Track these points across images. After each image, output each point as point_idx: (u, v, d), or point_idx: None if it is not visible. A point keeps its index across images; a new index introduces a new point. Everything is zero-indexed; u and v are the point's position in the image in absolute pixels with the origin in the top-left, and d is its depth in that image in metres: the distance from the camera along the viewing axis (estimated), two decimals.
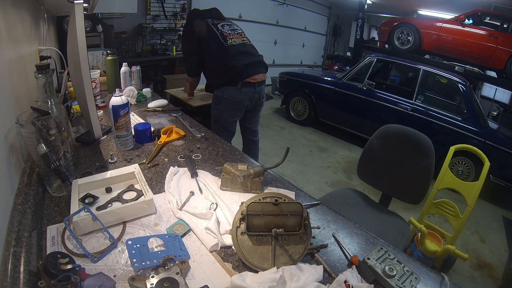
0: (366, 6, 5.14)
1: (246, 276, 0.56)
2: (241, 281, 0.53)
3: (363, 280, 0.58)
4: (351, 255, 0.65)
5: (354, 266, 0.61)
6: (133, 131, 1.13)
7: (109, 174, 0.83)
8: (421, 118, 3.19)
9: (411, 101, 3.29)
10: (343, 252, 0.68)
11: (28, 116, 0.73)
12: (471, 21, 4.20)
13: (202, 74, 1.93)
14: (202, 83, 2.07)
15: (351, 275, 0.58)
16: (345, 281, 0.56)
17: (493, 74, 4.46)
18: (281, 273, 0.56)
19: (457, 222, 1.79)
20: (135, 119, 1.37)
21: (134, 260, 0.57)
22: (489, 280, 2.01)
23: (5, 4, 0.85)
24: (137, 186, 0.80)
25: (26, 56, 1.09)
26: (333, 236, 0.72)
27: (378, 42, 5.61)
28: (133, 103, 1.59)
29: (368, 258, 0.62)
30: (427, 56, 4.76)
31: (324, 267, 0.62)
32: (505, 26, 3.93)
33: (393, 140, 1.33)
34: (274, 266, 0.59)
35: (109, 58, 1.68)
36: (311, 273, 0.58)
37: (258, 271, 0.58)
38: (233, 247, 0.64)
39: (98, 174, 0.83)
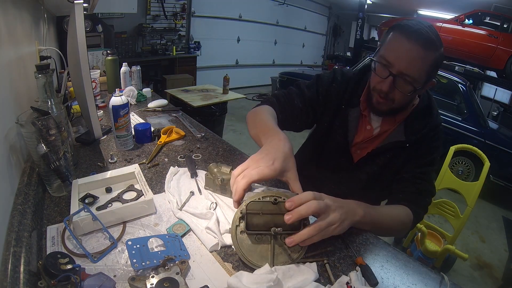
0: (366, 6, 5.15)
1: (241, 276, 0.56)
2: (238, 282, 0.53)
3: (367, 283, 0.58)
4: (357, 256, 0.65)
5: (359, 267, 0.61)
6: (133, 131, 1.13)
7: (109, 174, 0.83)
8: None
9: None
10: (349, 252, 0.67)
11: (28, 116, 0.73)
12: (471, 21, 4.21)
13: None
14: (203, 83, 2.06)
15: (356, 277, 0.57)
16: (347, 283, 0.56)
17: (493, 74, 4.47)
18: (277, 273, 0.56)
19: (457, 222, 1.79)
20: (135, 119, 1.37)
21: (134, 260, 0.57)
22: (489, 280, 2.01)
23: (5, 4, 0.85)
24: (137, 186, 0.80)
25: (26, 56, 1.09)
26: (341, 236, 0.72)
27: (378, 42, 5.61)
28: (133, 103, 1.59)
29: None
30: None
31: (327, 269, 0.61)
32: (505, 26, 3.94)
33: None
34: (273, 266, 0.59)
35: (109, 58, 1.68)
36: (309, 273, 0.58)
37: (254, 270, 0.58)
38: (232, 246, 0.64)
39: (98, 174, 0.83)
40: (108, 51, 1.73)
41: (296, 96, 0.95)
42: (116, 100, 1.01)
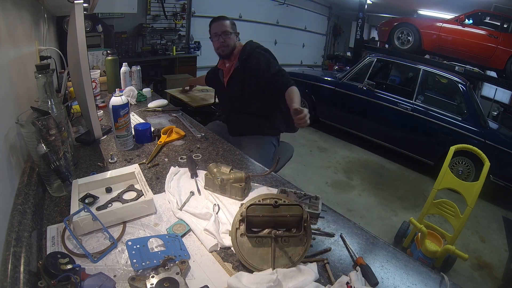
0: (366, 6, 5.14)
1: (241, 276, 0.56)
2: (238, 282, 0.53)
3: (367, 283, 0.58)
4: (357, 256, 0.65)
5: (359, 268, 0.61)
6: (133, 131, 1.13)
7: (109, 174, 0.83)
8: (421, 118, 3.19)
9: (411, 101, 3.29)
10: (349, 252, 0.67)
11: (28, 116, 0.73)
12: (471, 21, 4.20)
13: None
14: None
15: (356, 277, 0.57)
16: (347, 283, 0.56)
17: (493, 74, 4.46)
18: (277, 274, 0.55)
19: (457, 222, 1.79)
20: (135, 119, 1.37)
21: (134, 260, 0.57)
22: (489, 280, 2.01)
23: (5, 4, 0.85)
24: (137, 186, 0.80)
25: (26, 56, 1.09)
26: (341, 237, 0.72)
27: (378, 42, 5.61)
28: (133, 103, 1.59)
29: None
30: (427, 56, 4.76)
31: (327, 269, 0.61)
32: (505, 26, 3.93)
33: None
34: (274, 268, 0.58)
35: (109, 58, 1.68)
36: (309, 273, 0.58)
37: (254, 272, 0.58)
38: (232, 248, 0.64)
39: (98, 174, 0.83)
40: (108, 51, 1.73)
41: None
42: (116, 100, 1.01)
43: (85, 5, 1.58)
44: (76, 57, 0.89)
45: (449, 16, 4.66)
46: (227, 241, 0.66)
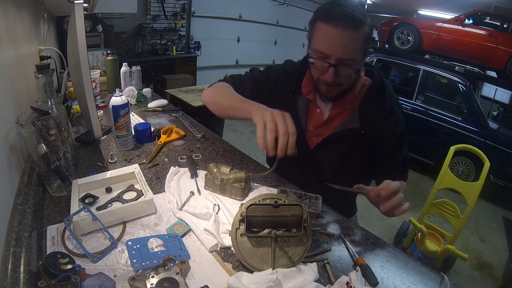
0: (366, 6, 5.14)
1: (241, 276, 0.56)
2: (238, 282, 0.53)
3: (367, 283, 0.58)
4: (357, 256, 0.65)
5: (359, 267, 0.61)
6: (133, 131, 1.13)
7: (109, 174, 0.83)
8: (421, 118, 3.20)
9: (411, 101, 3.29)
10: (349, 252, 0.67)
11: (28, 116, 0.73)
12: (471, 21, 4.21)
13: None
14: (203, 83, 2.05)
15: (356, 277, 0.57)
16: (347, 283, 0.56)
17: (493, 74, 4.46)
18: (277, 274, 0.56)
19: (457, 222, 1.79)
20: (135, 119, 1.37)
21: (134, 260, 0.57)
22: (489, 280, 2.01)
23: (5, 4, 0.85)
24: (137, 186, 0.80)
25: (26, 56, 1.09)
26: (341, 237, 0.72)
27: (378, 42, 5.60)
28: (133, 103, 1.59)
29: None
30: (427, 56, 4.76)
31: (327, 269, 0.61)
32: (505, 26, 3.93)
33: None
34: (274, 268, 0.59)
35: (109, 58, 1.68)
36: (309, 273, 0.58)
37: (254, 272, 0.58)
38: (232, 248, 0.64)
39: (98, 174, 0.83)
40: (108, 51, 1.72)
41: (248, 79, 0.98)
42: (116, 100, 1.01)
43: (85, 5, 1.58)
44: (76, 57, 0.89)
45: (449, 16, 4.66)
46: (227, 241, 0.66)
